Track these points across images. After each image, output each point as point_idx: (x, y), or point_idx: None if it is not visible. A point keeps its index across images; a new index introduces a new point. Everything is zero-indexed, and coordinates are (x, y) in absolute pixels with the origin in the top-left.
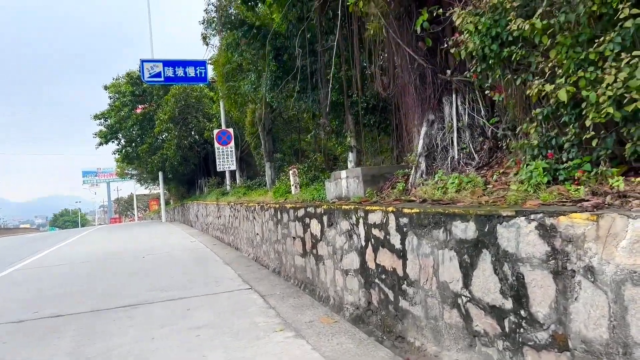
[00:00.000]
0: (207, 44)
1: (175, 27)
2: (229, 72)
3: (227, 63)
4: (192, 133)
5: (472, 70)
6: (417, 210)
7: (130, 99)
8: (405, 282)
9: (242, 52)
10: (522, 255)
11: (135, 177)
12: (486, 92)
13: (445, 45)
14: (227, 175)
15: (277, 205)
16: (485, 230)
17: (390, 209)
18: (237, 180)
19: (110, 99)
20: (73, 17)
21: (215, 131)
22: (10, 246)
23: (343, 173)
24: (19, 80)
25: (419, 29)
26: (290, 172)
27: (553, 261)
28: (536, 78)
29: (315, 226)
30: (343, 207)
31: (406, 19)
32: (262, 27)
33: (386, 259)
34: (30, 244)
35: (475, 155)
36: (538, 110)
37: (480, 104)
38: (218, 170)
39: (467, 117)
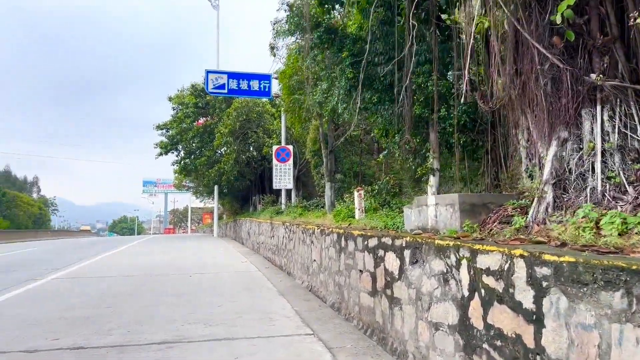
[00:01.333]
0: (274, 55)
1: (240, 44)
2: (295, 84)
3: (294, 74)
4: (251, 149)
5: None
6: (571, 259)
7: (192, 110)
8: (538, 357)
9: (314, 57)
10: None
11: (191, 190)
12: None
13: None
14: (283, 193)
15: (341, 231)
16: None
17: (517, 252)
18: (293, 200)
19: (174, 110)
20: (141, 33)
21: (275, 147)
22: (62, 250)
23: (431, 199)
24: (89, 91)
25: (558, 19)
26: (356, 193)
27: None
28: None
29: (391, 261)
30: (437, 242)
31: (536, 8)
32: (338, 30)
33: (505, 319)
34: (81, 249)
35: (629, 188)
36: None
37: (637, 120)
38: (274, 187)
39: (617, 135)
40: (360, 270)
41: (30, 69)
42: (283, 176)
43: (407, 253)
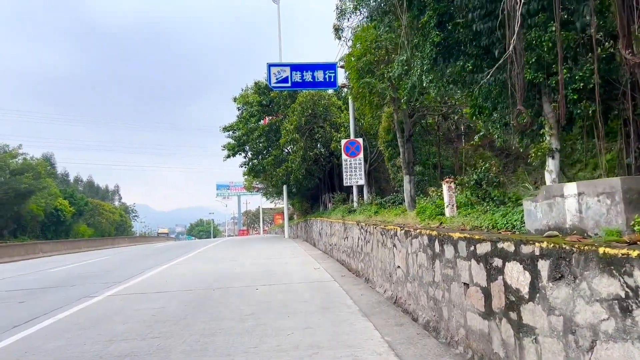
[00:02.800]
0: (339, 37)
1: (303, 39)
2: (364, 66)
3: (362, 54)
4: (318, 145)
5: None
6: None
7: (257, 109)
8: None
9: (389, 23)
10: None
11: (261, 191)
12: None
13: None
14: (355, 190)
15: (434, 233)
16: None
17: None
18: (365, 197)
19: (239, 110)
20: (208, 41)
21: (343, 141)
22: (132, 258)
23: (571, 187)
24: (161, 98)
25: None
26: (445, 186)
27: None
28: None
29: (515, 274)
30: (602, 250)
31: None
32: None
33: None
34: (151, 256)
35: None
36: None
37: None
38: (345, 185)
39: None
40: (465, 284)
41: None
42: (354, 172)
43: (543, 264)
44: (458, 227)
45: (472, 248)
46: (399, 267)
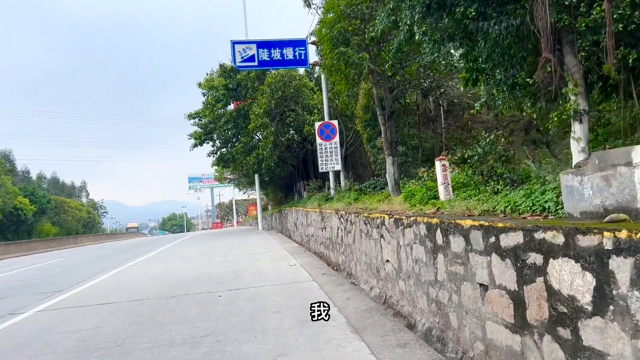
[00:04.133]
0: (309, 5)
1: (274, 18)
2: (338, 34)
3: (336, 22)
4: (290, 130)
5: None
6: None
7: (223, 92)
8: None
9: None
10: None
11: (233, 182)
12: None
13: None
14: (331, 177)
15: (435, 221)
16: None
17: None
18: (342, 184)
19: (204, 96)
20: (176, 32)
21: (317, 124)
22: (89, 259)
23: (638, 152)
24: (131, 95)
25: None
26: (439, 164)
27: None
28: None
29: (568, 276)
30: None
31: None
32: None
33: None
34: (110, 257)
35: None
36: None
37: None
38: (320, 171)
39: None
40: (483, 285)
41: (78, 77)
42: (329, 156)
43: (620, 264)
44: (462, 212)
45: (492, 239)
46: (387, 261)
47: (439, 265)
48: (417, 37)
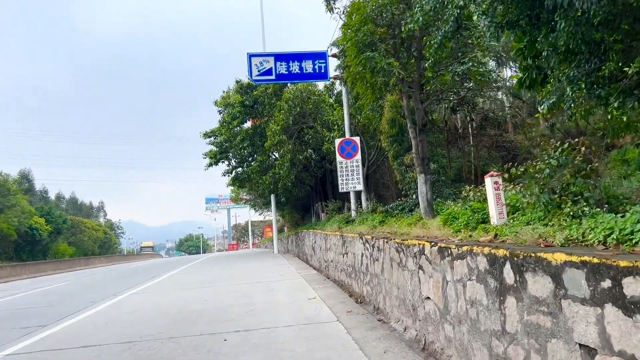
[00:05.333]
0: (330, 9)
1: (291, 32)
2: (365, 37)
3: (363, 24)
4: (308, 149)
5: None
6: None
7: (239, 110)
8: None
9: None
10: None
11: (249, 203)
12: None
13: None
14: (352, 197)
15: (502, 252)
16: None
17: None
18: (363, 205)
19: (220, 114)
20: (197, 54)
21: (338, 141)
22: (93, 284)
23: None
24: (150, 114)
25: None
26: (489, 181)
27: None
28: None
29: None
30: None
31: None
32: None
33: None
34: (115, 281)
35: None
36: None
37: None
38: (341, 190)
39: None
40: (585, 346)
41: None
42: (350, 175)
43: None
44: (534, 241)
45: (606, 284)
46: (428, 298)
47: (508, 312)
48: (475, 18)
